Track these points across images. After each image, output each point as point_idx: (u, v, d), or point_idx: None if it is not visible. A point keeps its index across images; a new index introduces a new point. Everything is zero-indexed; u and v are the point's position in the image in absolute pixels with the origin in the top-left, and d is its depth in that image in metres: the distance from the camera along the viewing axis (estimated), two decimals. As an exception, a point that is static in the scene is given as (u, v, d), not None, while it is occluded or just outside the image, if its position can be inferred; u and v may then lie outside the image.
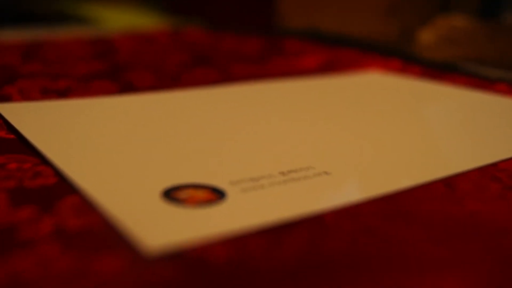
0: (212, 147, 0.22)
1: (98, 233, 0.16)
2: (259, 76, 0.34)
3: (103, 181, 0.18)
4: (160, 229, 0.16)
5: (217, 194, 0.18)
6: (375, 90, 0.32)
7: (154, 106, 0.26)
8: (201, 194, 0.18)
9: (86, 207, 0.17)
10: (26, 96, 0.28)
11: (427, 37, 0.41)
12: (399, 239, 0.16)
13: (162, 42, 0.43)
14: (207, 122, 0.25)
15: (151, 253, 0.15)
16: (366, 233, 0.16)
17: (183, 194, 0.18)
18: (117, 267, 0.14)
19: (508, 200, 0.19)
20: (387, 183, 0.19)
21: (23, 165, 0.20)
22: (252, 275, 0.14)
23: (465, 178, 0.20)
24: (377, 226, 0.17)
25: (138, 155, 0.21)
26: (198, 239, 0.15)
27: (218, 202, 0.17)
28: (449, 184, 0.20)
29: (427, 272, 0.15)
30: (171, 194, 0.18)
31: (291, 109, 0.27)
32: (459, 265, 0.15)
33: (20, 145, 0.22)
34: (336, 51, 0.43)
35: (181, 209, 0.17)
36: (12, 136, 0.22)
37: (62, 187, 0.18)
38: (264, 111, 0.24)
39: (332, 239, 0.16)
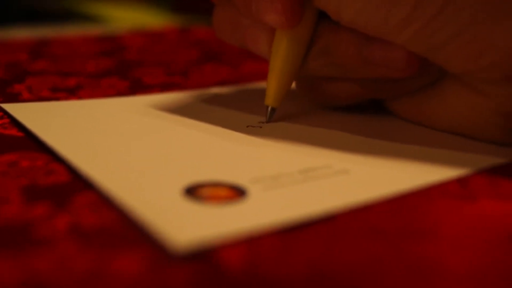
0: (229, 144, 0.21)
1: (116, 231, 0.15)
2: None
3: (121, 178, 0.18)
4: (185, 227, 0.15)
5: (238, 192, 0.17)
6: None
7: (171, 105, 0.26)
8: (222, 192, 0.17)
9: (102, 204, 0.17)
10: (35, 94, 0.27)
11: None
12: (416, 243, 0.16)
13: (171, 39, 0.42)
14: (223, 120, 0.24)
15: (178, 251, 0.14)
16: (382, 235, 0.16)
17: (204, 192, 0.17)
18: (138, 266, 0.14)
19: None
20: (406, 181, 0.19)
21: (35, 162, 0.19)
22: (271, 278, 0.14)
23: (479, 176, 0.20)
24: (393, 228, 0.16)
25: (156, 152, 0.20)
26: (223, 238, 0.15)
27: (240, 201, 0.17)
28: (463, 182, 0.19)
29: (443, 280, 0.14)
30: (192, 192, 0.17)
31: (307, 106, 0.26)
32: (474, 270, 0.15)
33: (32, 143, 0.21)
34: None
35: (204, 207, 0.16)
36: (23, 134, 0.22)
37: (76, 184, 0.18)
38: (279, 109, 0.24)
39: (349, 240, 0.16)
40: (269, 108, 0.24)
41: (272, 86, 0.23)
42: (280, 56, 0.23)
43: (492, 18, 0.19)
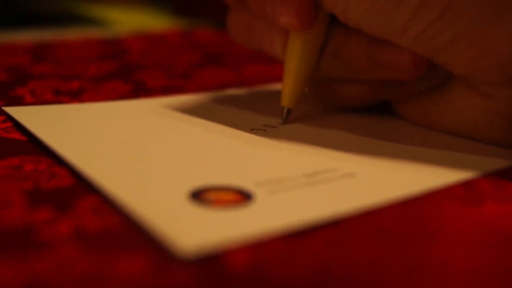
0: (235, 147, 0.21)
1: (120, 235, 0.15)
2: (271, 76, 0.33)
3: (125, 181, 0.18)
4: (191, 231, 0.15)
5: (244, 196, 0.17)
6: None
7: (174, 108, 0.26)
8: (228, 196, 0.17)
9: (106, 208, 0.17)
10: (38, 97, 0.27)
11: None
12: (421, 246, 0.16)
13: (173, 42, 0.42)
14: (228, 123, 0.24)
15: (184, 256, 0.14)
16: (388, 238, 0.16)
17: (210, 196, 0.17)
18: (142, 269, 0.14)
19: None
20: (412, 185, 0.19)
21: (39, 166, 0.19)
22: (278, 282, 0.14)
23: (485, 180, 0.20)
24: (399, 231, 0.16)
25: (161, 155, 0.20)
26: (229, 243, 0.15)
27: (246, 205, 0.17)
28: (469, 185, 0.19)
29: (449, 282, 0.14)
30: (198, 196, 0.17)
31: (314, 109, 0.26)
32: (481, 273, 0.15)
33: (35, 147, 0.21)
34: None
35: (210, 211, 0.16)
36: (26, 138, 0.22)
37: (80, 188, 0.18)
38: (282, 112, 0.24)
39: (356, 244, 0.15)
40: (285, 110, 0.24)
41: (287, 88, 0.24)
42: (295, 57, 0.23)
43: (492, 21, 0.19)
